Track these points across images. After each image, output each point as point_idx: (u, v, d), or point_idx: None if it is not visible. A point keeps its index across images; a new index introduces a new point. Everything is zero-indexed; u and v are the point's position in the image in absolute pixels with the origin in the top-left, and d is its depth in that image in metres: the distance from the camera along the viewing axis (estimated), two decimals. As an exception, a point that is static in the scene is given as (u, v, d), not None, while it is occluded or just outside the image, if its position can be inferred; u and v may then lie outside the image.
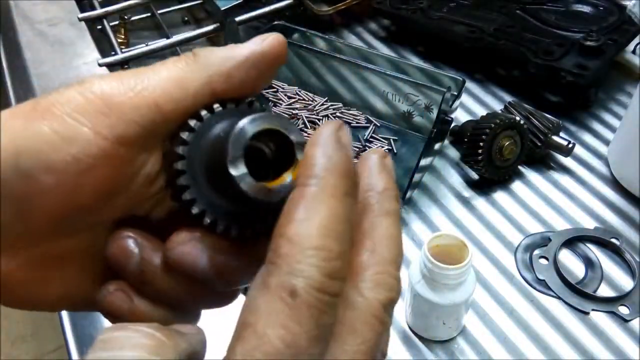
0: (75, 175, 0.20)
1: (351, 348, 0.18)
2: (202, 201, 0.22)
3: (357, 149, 0.64)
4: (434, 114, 0.63)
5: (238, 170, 0.20)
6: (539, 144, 0.62)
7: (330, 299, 0.17)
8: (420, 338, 0.49)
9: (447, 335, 0.48)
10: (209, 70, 0.22)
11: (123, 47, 0.81)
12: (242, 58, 0.22)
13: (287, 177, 0.21)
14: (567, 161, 0.64)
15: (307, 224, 0.18)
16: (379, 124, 0.67)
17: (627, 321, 0.50)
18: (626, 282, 0.53)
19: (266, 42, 0.23)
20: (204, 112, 0.22)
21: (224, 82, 0.22)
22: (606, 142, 0.66)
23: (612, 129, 0.68)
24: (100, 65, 0.73)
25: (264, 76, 0.23)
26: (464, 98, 0.72)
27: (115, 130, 0.20)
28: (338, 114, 0.68)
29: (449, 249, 0.44)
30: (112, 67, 0.74)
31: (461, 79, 0.61)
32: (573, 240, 0.56)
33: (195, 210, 0.22)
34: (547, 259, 0.54)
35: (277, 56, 0.23)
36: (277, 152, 0.22)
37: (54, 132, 0.20)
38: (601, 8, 0.74)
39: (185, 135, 0.21)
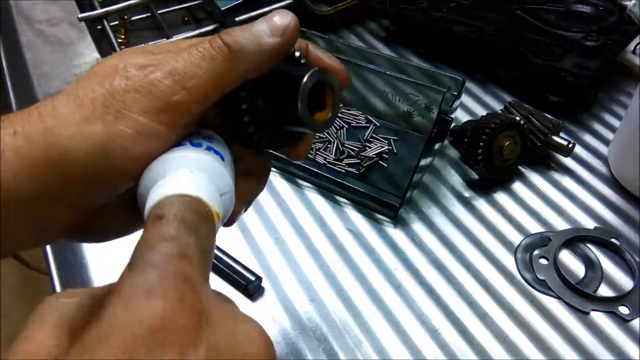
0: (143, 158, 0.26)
1: None
2: (261, 134, 0.30)
3: (357, 149, 0.64)
4: (434, 114, 0.63)
5: (304, 112, 0.27)
6: (539, 144, 0.62)
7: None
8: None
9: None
10: (243, 65, 0.26)
11: (123, 47, 0.81)
12: (270, 51, 0.27)
13: (328, 113, 0.29)
14: (567, 161, 0.64)
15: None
16: (379, 124, 0.67)
17: (627, 321, 0.50)
18: (626, 282, 0.53)
19: (288, 33, 0.27)
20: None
21: (255, 72, 0.27)
22: (606, 142, 0.66)
23: (612, 129, 0.68)
24: (100, 65, 0.73)
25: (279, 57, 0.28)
26: (464, 98, 0.72)
27: (173, 121, 0.25)
28: (338, 114, 0.68)
29: None
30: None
31: (461, 79, 0.61)
32: (573, 240, 0.56)
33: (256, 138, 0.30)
34: (547, 259, 0.54)
35: (293, 42, 0.28)
36: (317, 94, 0.29)
37: (134, 131, 0.25)
38: (601, 8, 0.74)
39: (244, 92, 0.28)
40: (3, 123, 0.25)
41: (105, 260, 0.54)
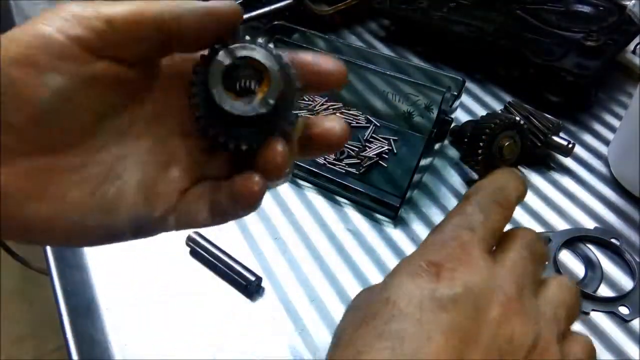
0: (40, 66, 0.25)
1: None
2: (219, 130, 0.28)
3: (357, 149, 0.64)
4: (434, 114, 0.63)
5: (217, 88, 0.26)
6: (539, 144, 0.62)
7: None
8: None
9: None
10: (163, 8, 0.27)
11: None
12: (194, 6, 0.27)
13: (259, 95, 0.27)
14: (567, 161, 0.64)
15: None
16: (379, 124, 0.67)
17: (627, 321, 0.50)
18: (626, 282, 0.53)
19: (216, 2, 0.28)
20: (208, 51, 0.27)
21: (173, 20, 0.27)
22: (606, 142, 0.66)
23: (612, 129, 0.68)
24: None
25: (219, 27, 0.28)
26: (464, 98, 0.72)
27: (72, 31, 0.25)
28: (338, 114, 0.68)
29: None
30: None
31: (461, 79, 0.61)
32: (573, 240, 0.56)
33: (221, 140, 0.28)
34: (547, 259, 0.54)
35: (227, 14, 0.27)
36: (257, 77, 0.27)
37: (23, 32, 0.25)
38: (601, 8, 0.74)
39: (197, 67, 0.28)
40: None
41: (106, 260, 0.54)
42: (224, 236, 0.55)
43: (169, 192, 0.29)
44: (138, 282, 0.52)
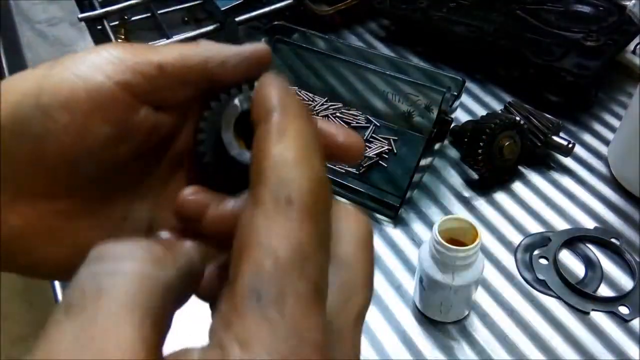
0: (87, 113, 0.24)
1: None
2: (217, 166, 0.27)
3: (357, 149, 0.64)
4: (434, 114, 0.63)
5: (227, 133, 0.25)
6: (539, 144, 0.62)
7: (322, 205, 0.19)
8: (432, 322, 0.49)
9: (457, 316, 0.50)
10: (207, 53, 0.26)
11: (123, 47, 0.81)
12: (235, 50, 0.27)
13: None
14: (567, 161, 0.64)
15: (283, 144, 0.19)
16: (379, 124, 0.67)
17: (627, 321, 0.50)
18: (626, 282, 0.53)
19: (254, 45, 0.27)
20: (222, 95, 0.27)
21: (218, 65, 0.26)
22: (606, 142, 0.66)
23: (612, 129, 0.68)
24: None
25: (253, 69, 0.27)
26: (464, 98, 0.72)
27: (122, 76, 0.24)
28: (338, 114, 0.68)
29: (458, 231, 0.46)
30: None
31: (461, 79, 0.61)
32: (573, 240, 0.56)
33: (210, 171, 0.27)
34: (547, 259, 0.54)
35: (263, 56, 0.27)
36: None
37: (72, 74, 0.24)
38: (601, 8, 0.74)
39: (205, 112, 0.27)
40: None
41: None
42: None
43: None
44: (138, 282, 0.52)
